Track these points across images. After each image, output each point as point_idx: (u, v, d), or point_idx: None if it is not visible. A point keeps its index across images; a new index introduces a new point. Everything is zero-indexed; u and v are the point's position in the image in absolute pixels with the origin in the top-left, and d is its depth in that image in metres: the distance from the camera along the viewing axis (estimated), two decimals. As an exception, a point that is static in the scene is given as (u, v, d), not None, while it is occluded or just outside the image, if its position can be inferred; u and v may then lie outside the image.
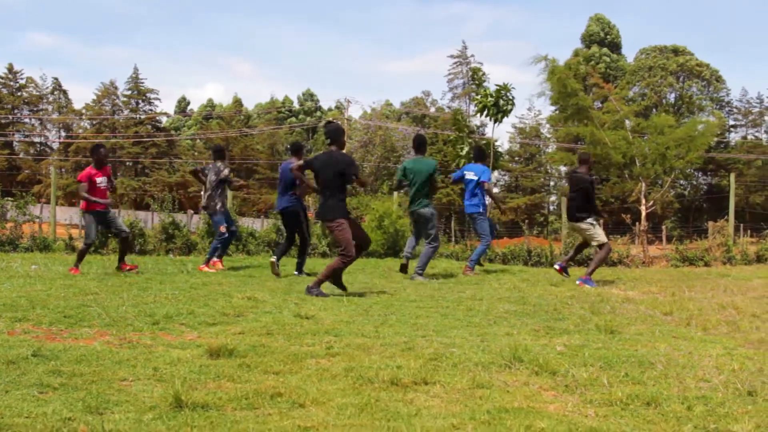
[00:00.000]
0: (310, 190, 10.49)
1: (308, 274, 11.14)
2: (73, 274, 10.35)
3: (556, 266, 11.55)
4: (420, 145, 11.51)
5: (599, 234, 10.80)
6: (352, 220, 8.89)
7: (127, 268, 10.94)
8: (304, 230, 11.67)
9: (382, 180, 58.33)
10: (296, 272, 11.42)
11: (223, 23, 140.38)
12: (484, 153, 13.03)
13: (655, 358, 4.95)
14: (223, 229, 11.97)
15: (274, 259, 11.07)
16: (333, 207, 8.69)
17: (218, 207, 11.99)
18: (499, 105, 14.98)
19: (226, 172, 12.10)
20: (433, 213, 11.22)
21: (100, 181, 10.95)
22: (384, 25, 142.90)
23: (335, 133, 9.05)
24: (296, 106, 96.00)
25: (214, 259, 12.03)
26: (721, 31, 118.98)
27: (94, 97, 77.50)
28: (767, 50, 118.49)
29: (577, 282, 10.33)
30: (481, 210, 12.13)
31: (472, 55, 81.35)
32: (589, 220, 10.82)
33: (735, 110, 73.05)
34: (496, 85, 14.95)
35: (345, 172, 8.70)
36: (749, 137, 71.56)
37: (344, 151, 9.73)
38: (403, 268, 11.49)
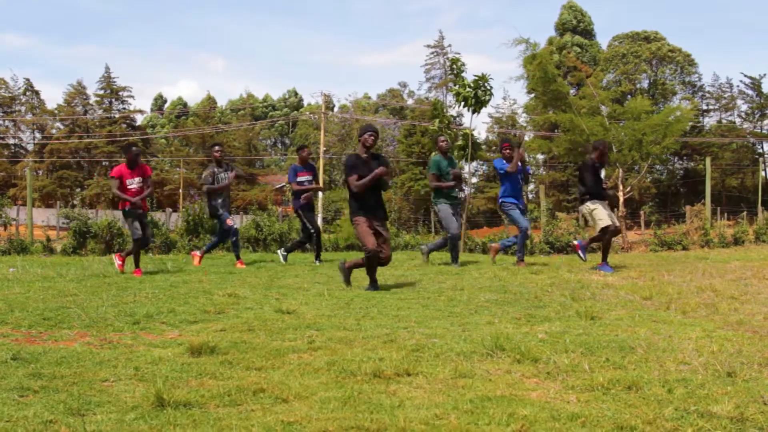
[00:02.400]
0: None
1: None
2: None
3: (575, 242, 12.00)
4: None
5: (599, 218, 10.86)
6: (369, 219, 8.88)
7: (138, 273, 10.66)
8: (306, 224, 12.89)
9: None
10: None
11: (195, 19, 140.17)
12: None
13: (636, 343, 4.98)
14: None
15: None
16: (350, 206, 9.12)
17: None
18: (477, 95, 14.98)
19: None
20: (439, 208, 12.02)
21: (130, 182, 10.85)
22: (358, 17, 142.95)
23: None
24: (276, 102, 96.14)
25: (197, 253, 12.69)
26: (692, 15, 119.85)
27: (64, 98, 76.78)
28: (736, 34, 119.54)
29: (596, 268, 10.62)
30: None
31: (449, 45, 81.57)
32: (588, 203, 10.93)
33: (708, 95, 73.48)
34: (475, 75, 14.94)
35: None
36: (723, 121, 72.03)
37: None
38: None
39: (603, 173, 11.48)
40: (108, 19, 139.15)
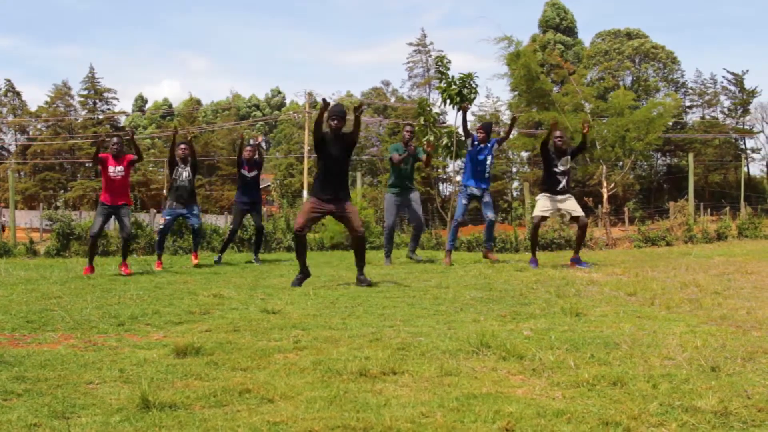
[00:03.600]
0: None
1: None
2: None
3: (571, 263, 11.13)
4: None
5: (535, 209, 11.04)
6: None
7: (126, 272, 10.65)
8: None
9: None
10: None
11: (177, 18, 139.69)
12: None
13: (620, 339, 5.00)
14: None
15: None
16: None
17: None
18: (463, 93, 14.98)
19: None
20: (385, 198, 12.33)
21: (113, 170, 10.85)
22: (340, 16, 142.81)
23: None
24: (262, 102, 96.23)
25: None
26: (674, 12, 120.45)
27: (48, 99, 76.35)
28: (719, 30, 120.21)
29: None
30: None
31: (431, 43, 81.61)
32: (539, 195, 11.06)
33: (690, 91, 73.88)
34: (461, 73, 14.95)
35: None
36: (706, 117, 72.41)
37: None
38: None
39: (564, 159, 11.10)
40: (89, 19, 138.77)
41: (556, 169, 10.93)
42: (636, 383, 3.90)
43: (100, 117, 75.61)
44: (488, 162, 11.73)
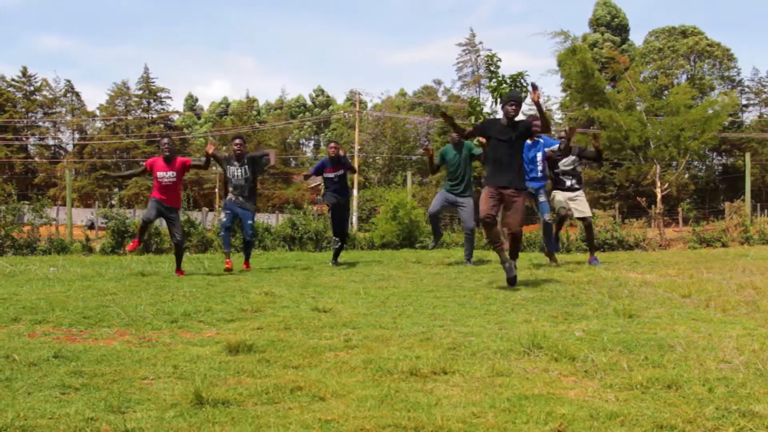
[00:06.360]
0: None
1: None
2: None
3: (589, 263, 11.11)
4: None
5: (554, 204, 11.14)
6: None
7: (179, 274, 10.36)
8: None
9: (395, 171, 58.25)
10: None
11: (226, 18, 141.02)
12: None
13: (675, 341, 4.92)
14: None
15: None
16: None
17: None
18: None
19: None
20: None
21: (161, 175, 10.46)
22: (389, 15, 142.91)
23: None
24: (308, 102, 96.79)
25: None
26: (730, 7, 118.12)
27: (107, 98, 77.80)
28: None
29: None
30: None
31: (480, 43, 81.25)
32: (552, 192, 11.16)
33: (747, 89, 72.45)
34: (511, 75, 14.88)
35: None
36: (764, 116, 70.96)
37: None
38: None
39: (568, 160, 10.91)
40: (139, 19, 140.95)
41: (557, 169, 10.99)
42: (691, 386, 3.84)
43: (154, 116, 76.78)
44: (538, 159, 11.33)
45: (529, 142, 10.94)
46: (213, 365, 4.50)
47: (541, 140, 11.06)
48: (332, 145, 12.55)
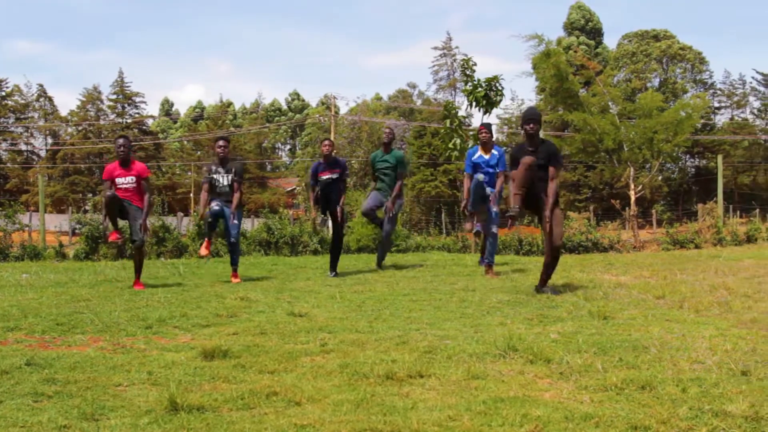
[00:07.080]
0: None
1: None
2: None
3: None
4: None
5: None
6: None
7: (138, 287, 9.35)
8: None
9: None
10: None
11: (201, 23, 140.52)
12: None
13: (649, 342, 4.96)
14: None
15: None
16: None
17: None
18: (489, 96, 14.95)
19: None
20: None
21: (120, 182, 9.45)
22: (365, 19, 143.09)
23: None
24: (284, 106, 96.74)
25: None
26: (702, 12, 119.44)
27: (79, 103, 77.13)
28: (748, 29, 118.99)
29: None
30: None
31: (456, 47, 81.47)
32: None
33: (719, 92, 73.13)
34: (486, 78, 14.93)
35: None
36: (735, 118, 71.69)
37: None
38: None
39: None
40: (114, 24, 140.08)
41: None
42: (665, 387, 3.87)
43: (129, 121, 76.22)
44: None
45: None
46: (188, 371, 4.48)
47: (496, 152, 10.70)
48: (326, 142, 11.32)
